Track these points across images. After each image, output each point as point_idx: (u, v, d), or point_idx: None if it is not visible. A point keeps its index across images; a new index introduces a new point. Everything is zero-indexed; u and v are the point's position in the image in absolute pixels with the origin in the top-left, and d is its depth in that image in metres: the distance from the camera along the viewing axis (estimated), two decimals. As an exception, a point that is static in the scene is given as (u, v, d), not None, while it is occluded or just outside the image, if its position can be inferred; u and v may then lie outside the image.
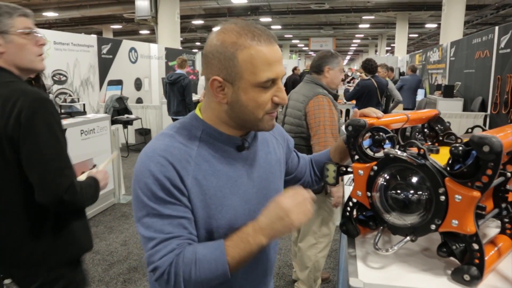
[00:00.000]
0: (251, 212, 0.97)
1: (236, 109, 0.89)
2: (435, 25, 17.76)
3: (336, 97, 2.45)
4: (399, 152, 0.90)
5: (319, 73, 2.44)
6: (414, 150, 0.89)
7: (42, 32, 6.00)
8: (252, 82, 0.86)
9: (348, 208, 1.04)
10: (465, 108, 6.91)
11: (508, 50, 5.47)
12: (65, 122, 3.83)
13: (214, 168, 0.92)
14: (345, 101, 6.11)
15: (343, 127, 2.47)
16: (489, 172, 0.77)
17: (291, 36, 24.68)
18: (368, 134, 1.04)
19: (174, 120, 6.01)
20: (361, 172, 0.98)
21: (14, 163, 1.24)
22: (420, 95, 9.33)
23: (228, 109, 0.90)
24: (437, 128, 1.24)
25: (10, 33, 1.27)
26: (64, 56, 6.46)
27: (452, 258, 0.88)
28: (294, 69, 11.55)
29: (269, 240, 0.86)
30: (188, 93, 5.80)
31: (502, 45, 5.65)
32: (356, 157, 1.01)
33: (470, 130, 1.22)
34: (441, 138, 1.22)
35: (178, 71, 5.92)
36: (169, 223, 0.85)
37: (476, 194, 0.79)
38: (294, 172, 1.23)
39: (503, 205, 0.92)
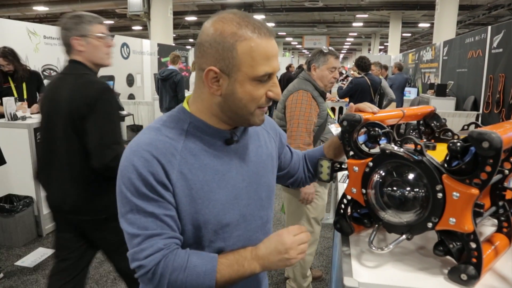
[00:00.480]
0: (241, 207, 0.95)
1: (230, 102, 0.87)
2: (428, 25, 17.83)
3: (323, 94, 2.43)
4: (395, 148, 0.88)
5: (309, 70, 2.44)
6: (411, 146, 0.87)
7: (32, 26, 5.91)
8: (250, 75, 0.83)
9: (342, 206, 1.02)
10: (458, 107, 6.93)
11: (501, 50, 5.49)
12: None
13: (200, 162, 0.89)
14: (338, 98, 6.09)
15: (331, 126, 2.44)
16: (488, 169, 0.75)
17: (284, 33, 24.63)
18: (363, 130, 1.01)
19: None
20: (356, 168, 0.96)
21: (82, 136, 1.66)
22: (412, 93, 9.37)
23: (221, 101, 0.88)
24: (432, 124, 1.22)
25: (89, 36, 1.73)
26: (55, 50, 6.35)
27: (448, 257, 0.86)
28: (289, 66, 11.50)
29: (263, 270, 0.89)
30: (180, 89, 5.74)
31: (495, 44, 5.67)
32: (351, 153, 0.99)
33: (466, 127, 1.20)
34: (437, 135, 1.20)
35: (171, 67, 5.86)
36: (153, 220, 0.83)
37: (475, 191, 0.77)
38: (287, 167, 1.20)
39: (500, 203, 0.90)
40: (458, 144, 0.80)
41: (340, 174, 1.87)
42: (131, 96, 8.58)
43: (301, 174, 1.23)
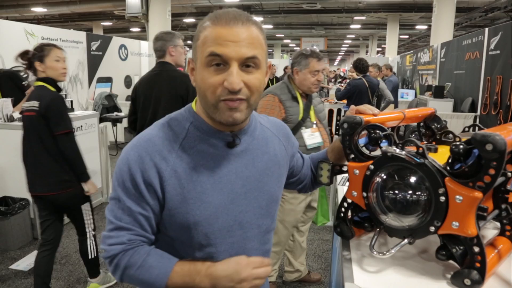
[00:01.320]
0: (237, 213, 0.92)
1: (198, 93, 0.88)
2: (425, 27, 17.89)
3: (307, 97, 2.39)
4: (397, 151, 0.86)
5: (293, 74, 2.40)
6: (412, 148, 0.85)
7: (30, 27, 5.89)
8: (202, 60, 0.84)
9: (343, 209, 1.00)
10: (455, 109, 6.94)
11: (498, 52, 5.50)
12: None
13: (196, 162, 0.88)
14: (336, 100, 6.09)
15: (304, 131, 2.35)
16: (491, 171, 0.74)
17: (282, 35, 24.66)
18: (364, 132, 1.00)
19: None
20: (356, 171, 0.94)
21: None
22: (410, 95, 9.38)
23: (198, 93, 0.89)
24: (433, 126, 1.21)
25: (178, 46, 2.71)
26: (52, 52, 6.34)
27: (451, 262, 0.84)
28: (285, 68, 11.50)
29: None
30: None
31: (492, 46, 5.68)
32: (352, 156, 0.97)
33: (467, 129, 1.19)
34: (438, 137, 1.19)
35: None
36: (128, 214, 0.87)
37: (478, 194, 0.75)
38: (299, 174, 1.18)
39: (503, 206, 0.89)
40: (461, 146, 0.79)
41: (339, 177, 1.86)
42: (129, 98, 8.56)
43: (309, 180, 1.21)
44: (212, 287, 0.85)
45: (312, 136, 2.32)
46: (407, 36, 23.04)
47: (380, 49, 26.94)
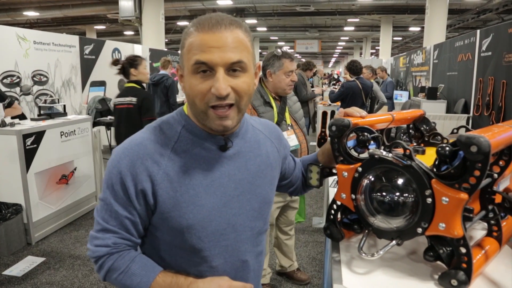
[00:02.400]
0: (230, 216, 0.92)
1: (188, 100, 0.88)
2: (418, 29, 18.00)
3: (284, 99, 2.37)
4: (384, 153, 0.87)
5: (265, 77, 2.36)
6: (400, 150, 0.86)
7: (21, 31, 5.85)
8: (188, 67, 0.84)
9: (332, 211, 1.01)
10: (448, 110, 6.98)
11: (490, 53, 5.55)
12: (43, 123, 3.72)
13: (188, 165, 0.88)
14: (329, 102, 6.11)
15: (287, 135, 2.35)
16: (476, 173, 0.75)
17: (276, 38, 24.71)
18: (352, 135, 1.01)
19: None
20: (345, 173, 0.95)
21: None
22: (404, 97, 9.43)
23: (187, 100, 0.89)
24: (422, 128, 1.22)
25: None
26: (45, 56, 6.30)
27: (439, 262, 0.85)
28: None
29: None
30: (172, 93, 5.74)
31: (484, 48, 5.73)
32: (340, 158, 0.98)
33: (455, 131, 1.20)
34: (426, 139, 1.20)
35: (162, 72, 5.86)
36: (115, 218, 0.88)
37: (464, 196, 0.76)
38: (290, 177, 1.19)
39: (490, 207, 0.90)
40: (447, 148, 0.80)
41: (330, 180, 1.87)
42: (123, 102, 8.52)
43: (300, 182, 1.22)
44: None
45: (288, 139, 2.31)
46: (400, 38, 23.18)
47: (374, 51, 27.07)
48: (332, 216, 1.01)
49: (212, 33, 0.82)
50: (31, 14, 15.12)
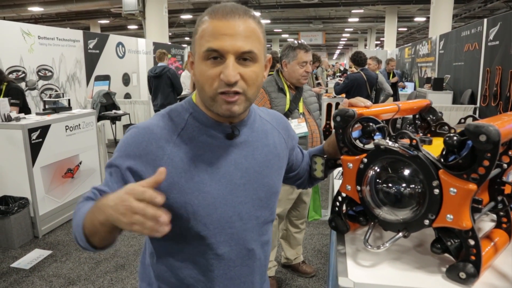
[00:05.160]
0: (237, 204, 0.92)
1: (197, 86, 0.88)
2: (424, 19, 17.79)
3: (300, 90, 2.44)
4: (390, 143, 0.85)
5: (282, 67, 2.45)
6: (406, 141, 0.84)
7: (26, 27, 5.85)
8: (199, 54, 0.84)
9: (337, 203, 1.00)
10: (455, 101, 6.91)
11: (497, 43, 5.47)
12: (49, 118, 3.73)
13: (194, 152, 0.89)
14: (334, 94, 6.06)
15: (291, 121, 2.36)
16: (486, 163, 0.73)
17: (280, 30, 24.56)
18: (357, 125, 0.99)
19: None
20: (350, 165, 0.93)
21: None
22: (409, 88, 9.35)
23: (196, 86, 0.88)
24: (429, 118, 1.19)
25: None
26: (50, 51, 6.31)
27: (446, 255, 0.83)
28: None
29: (106, 220, 0.73)
30: (176, 82, 5.79)
31: (491, 37, 5.65)
32: (345, 149, 0.96)
33: (463, 121, 1.17)
34: (433, 129, 1.17)
35: (161, 64, 5.85)
36: (106, 185, 0.88)
37: (472, 186, 0.74)
38: (298, 169, 1.17)
39: (499, 198, 0.88)
40: (455, 138, 0.78)
41: (335, 171, 1.85)
42: (127, 96, 8.54)
43: (307, 175, 1.20)
44: (105, 219, 0.73)
45: (298, 126, 2.37)
46: (405, 29, 22.95)
47: (378, 42, 26.82)
48: (337, 208, 0.99)
49: (226, 21, 0.82)
50: (35, 9, 15.15)
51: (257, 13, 17.03)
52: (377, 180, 0.86)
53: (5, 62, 5.47)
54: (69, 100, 4.33)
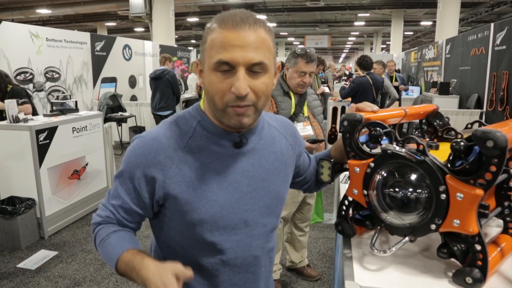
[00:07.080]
0: (243, 212, 0.93)
1: (206, 96, 0.87)
2: (430, 23, 17.75)
3: (304, 94, 2.43)
4: (397, 148, 0.86)
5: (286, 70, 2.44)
6: (413, 146, 0.85)
7: (34, 29, 5.91)
8: (209, 64, 0.83)
9: (344, 207, 1.00)
10: (461, 105, 6.89)
11: (504, 47, 5.45)
12: (56, 119, 3.76)
13: (202, 161, 0.89)
14: (340, 98, 6.06)
15: (297, 124, 2.37)
16: (493, 168, 0.73)
17: (286, 33, 24.60)
18: (364, 130, 0.99)
19: (156, 117, 6.03)
20: (357, 169, 0.94)
21: None
22: (415, 92, 9.32)
23: (206, 96, 0.88)
24: (435, 123, 1.19)
25: None
26: (57, 53, 6.37)
27: (453, 260, 0.83)
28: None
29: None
30: (175, 85, 5.90)
31: (498, 41, 5.63)
32: (352, 153, 0.96)
33: (469, 126, 1.18)
34: (440, 134, 1.18)
35: (161, 67, 5.93)
36: (118, 198, 0.93)
37: (479, 192, 0.75)
38: (304, 174, 1.18)
39: (506, 204, 0.88)
40: (462, 143, 0.78)
41: (342, 175, 1.85)
42: (134, 98, 8.58)
43: (314, 180, 1.20)
44: (140, 283, 0.83)
45: (304, 129, 2.37)
46: (411, 33, 22.89)
47: (384, 46, 26.78)
48: (343, 212, 1.00)
49: (236, 32, 0.80)
50: (43, 11, 15.29)
51: (263, 16, 17.06)
52: (384, 185, 0.87)
53: (14, 63, 5.53)
54: (76, 102, 4.37)
